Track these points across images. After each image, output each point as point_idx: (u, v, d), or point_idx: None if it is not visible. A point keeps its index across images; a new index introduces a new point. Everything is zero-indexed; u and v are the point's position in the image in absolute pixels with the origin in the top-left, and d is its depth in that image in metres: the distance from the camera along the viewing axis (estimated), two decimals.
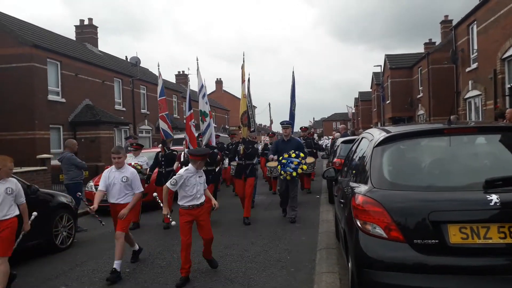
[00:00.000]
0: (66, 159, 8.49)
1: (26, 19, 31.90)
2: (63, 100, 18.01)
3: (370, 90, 44.09)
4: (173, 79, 39.34)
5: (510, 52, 13.72)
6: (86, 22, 25.14)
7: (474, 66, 17.09)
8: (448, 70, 21.13)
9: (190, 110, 9.27)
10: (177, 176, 5.07)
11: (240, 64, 8.87)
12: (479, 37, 16.45)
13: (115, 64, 24.49)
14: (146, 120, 25.87)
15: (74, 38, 24.50)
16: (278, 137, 10.99)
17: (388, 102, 31.21)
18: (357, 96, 56.66)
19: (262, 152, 12.73)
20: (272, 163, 8.80)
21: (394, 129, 3.82)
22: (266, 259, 5.76)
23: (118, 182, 5.44)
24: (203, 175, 5.31)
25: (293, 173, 7.81)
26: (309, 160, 9.45)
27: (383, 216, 3.04)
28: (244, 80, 8.79)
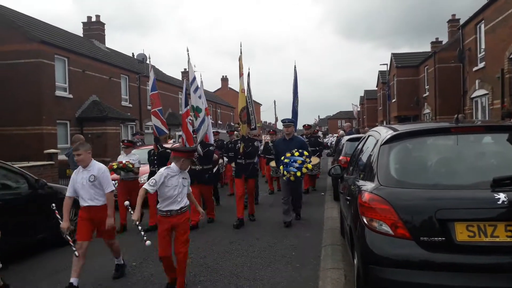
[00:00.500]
0: (73, 154, 8.54)
1: (34, 16, 31.93)
2: (70, 96, 18.12)
3: (376, 89, 43.95)
4: (179, 76, 39.48)
5: None
6: (94, 19, 25.28)
7: (481, 65, 17.00)
8: (455, 69, 21.02)
9: (187, 107, 8.82)
10: (157, 175, 4.45)
11: (244, 60, 8.43)
12: (487, 36, 16.35)
13: (122, 61, 24.60)
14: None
15: (82, 35, 24.63)
16: (280, 136, 10.41)
17: (394, 101, 31.10)
18: (363, 95, 56.50)
19: (263, 150, 11.89)
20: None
21: (401, 127, 3.83)
22: (271, 255, 5.79)
23: (86, 183, 4.86)
24: (188, 178, 4.68)
25: (297, 173, 7.21)
26: (314, 161, 8.93)
27: (390, 214, 3.06)
28: (242, 74, 8.27)
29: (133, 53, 28.49)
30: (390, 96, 30.79)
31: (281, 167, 7.36)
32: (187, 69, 8.60)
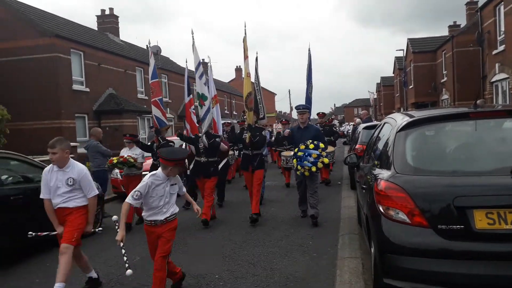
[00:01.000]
0: (92, 147, 8.69)
1: (48, 10, 32.23)
2: (87, 90, 18.35)
3: (393, 75, 43.30)
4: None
5: None
6: (107, 12, 25.42)
7: (501, 49, 16.54)
8: (474, 53, 20.55)
9: (190, 96, 8.01)
10: (141, 186, 3.98)
11: (259, 49, 8.14)
12: (507, 18, 15.88)
13: (137, 53, 24.74)
14: (168, 109, 26.10)
15: (96, 28, 24.82)
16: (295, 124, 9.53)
17: (411, 87, 30.60)
18: (379, 82, 55.72)
19: (275, 141, 10.79)
20: (288, 153, 8.08)
21: (418, 114, 3.77)
22: (288, 244, 5.81)
23: (63, 186, 4.32)
24: (179, 182, 4.25)
25: (312, 168, 6.54)
26: (328, 150, 8.34)
27: (406, 202, 3.03)
28: (247, 56, 7.46)
29: (147, 45, 28.61)
30: (407, 83, 30.29)
31: (294, 161, 6.79)
32: (192, 52, 7.85)
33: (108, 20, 25.29)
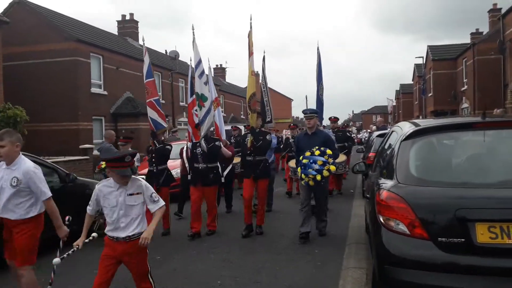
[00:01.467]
0: (105, 149, 8.81)
1: (71, 15, 32.99)
2: (105, 93, 18.67)
3: (412, 83, 42.76)
4: (212, 73, 39.83)
5: None
6: (128, 17, 25.88)
7: None
8: (495, 61, 20.14)
9: (193, 96, 7.35)
10: (94, 192, 3.46)
11: (278, 56, 7.84)
12: None
13: (155, 58, 25.04)
14: (185, 113, 26.33)
15: (116, 33, 25.28)
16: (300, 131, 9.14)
17: (430, 95, 30.14)
18: (399, 89, 55.07)
19: (284, 147, 10.84)
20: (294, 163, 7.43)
21: (423, 122, 3.70)
22: (294, 252, 5.75)
23: (7, 187, 3.64)
24: (144, 193, 3.39)
25: (317, 177, 5.93)
26: (340, 159, 7.79)
27: (407, 213, 2.96)
28: (252, 53, 6.81)
29: (166, 50, 28.97)
30: (426, 90, 29.84)
31: (299, 169, 6.21)
32: (192, 49, 7.43)
33: (128, 25, 25.75)
